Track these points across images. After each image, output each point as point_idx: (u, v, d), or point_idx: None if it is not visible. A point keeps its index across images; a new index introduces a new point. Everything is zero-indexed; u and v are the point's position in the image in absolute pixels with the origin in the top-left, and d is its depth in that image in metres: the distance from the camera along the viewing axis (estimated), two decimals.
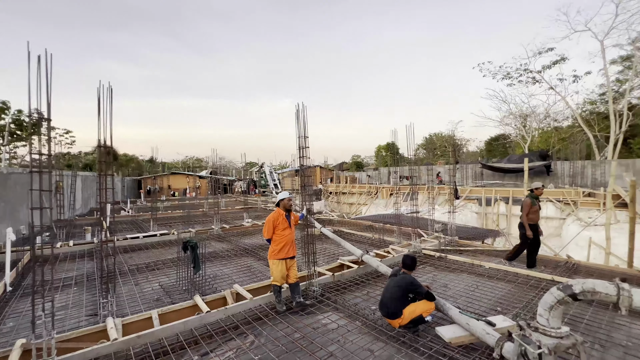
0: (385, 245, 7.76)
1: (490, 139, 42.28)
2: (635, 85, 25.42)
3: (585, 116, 28.39)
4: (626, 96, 24.43)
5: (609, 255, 6.93)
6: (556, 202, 15.08)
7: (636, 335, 3.42)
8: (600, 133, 26.74)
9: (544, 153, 25.61)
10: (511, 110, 35.12)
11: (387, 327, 3.52)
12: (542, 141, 33.34)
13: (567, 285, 2.19)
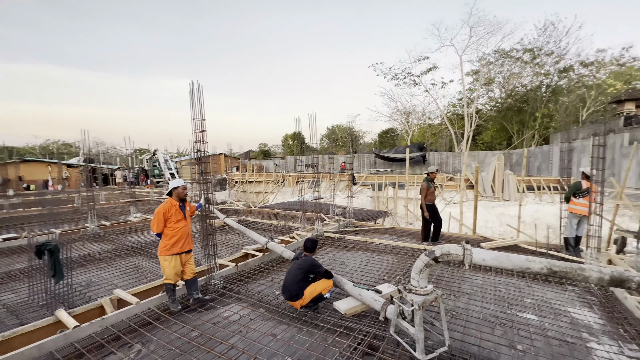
0: (291, 231, 7.95)
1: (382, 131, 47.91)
2: (480, 94, 32.84)
3: (449, 116, 35.13)
4: (475, 102, 31.32)
5: (462, 225, 8.90)
6: None
7: (476, 284, 4.49)
8: (459, 130, 33.57)
9: (421, 145, 30.63)
10: (398, 107, 40.48)
11: (289, 310, 3.62)
12: (420, 135, 39.73)
13: (431, 250, 2.67)
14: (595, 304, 3.91)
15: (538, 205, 14.09)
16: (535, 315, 3.61)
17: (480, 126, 33.53)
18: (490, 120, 32.85)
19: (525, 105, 28.68)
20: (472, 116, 30.82)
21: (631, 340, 3.07)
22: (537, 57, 28.29)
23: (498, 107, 32.23)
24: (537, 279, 4.69)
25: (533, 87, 28.78)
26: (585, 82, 26.79)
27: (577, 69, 27.84)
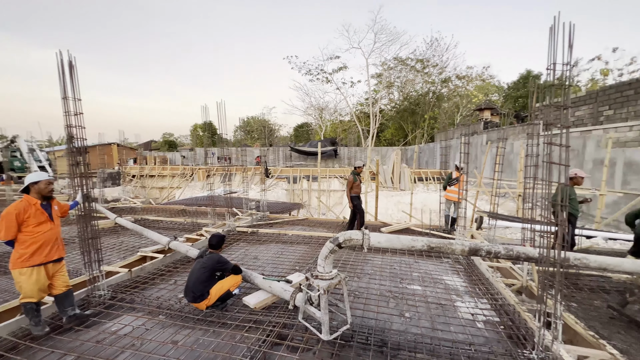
0: (199, 228, 7.37)
1: (297, 125, 48.74)
2: (383, 96, 36.61)
3: (357, 114, 38.14)
4: (378, 103, 34.78)
5: (366, 213, 9.87)
6: (340, 178, 19.60)
7: (376, 265, 5.03)
8: (365, 127, 36.80)
9: (333, 140, 32.41)
10: (312, 102, 41.76)
11: (194, 312, 3.37)
12: (332, 130, 41.96)
13: (335, 237, 2.86)
14: (461, 271, 4.87)
15: (426, 194, 16.68)
16: (420, 286, 4.26)
17: (383, 124, 37.50)
18: (390, 119, 37.05)
19: (417, 108, 33.35)
20: (377, 115, 34.16)
21: (482, 296, 3.94)
22: (426, 67, 33.17)
23: (397, 108, 36.58)
24: (422, 255, 5.56)
25: (423, 93, 33.66)
26: (459, 92, 32.80)
27: (454, 81, 33.84)
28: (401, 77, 35.22)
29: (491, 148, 12.82)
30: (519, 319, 3.28)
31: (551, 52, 2.35)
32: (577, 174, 4.76)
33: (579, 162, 9.81)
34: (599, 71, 23.51)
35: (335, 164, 27.43)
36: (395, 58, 34.03)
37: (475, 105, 27.41)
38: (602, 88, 10.27)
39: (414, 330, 3.14)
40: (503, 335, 3.05)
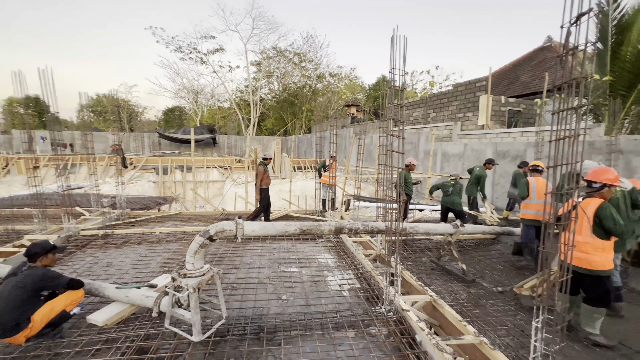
0: (19, 237, 5.50)
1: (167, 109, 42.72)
2: (263, 85, 36.39)
3: (237, 101, 36.65)
4: (259, 91, 34.38)
5: (248, 203, 9.70)
6: (219, 167, 18.49)
7: (256, 253, 5.03)
8: (246, 115, 35.83)
9: (211, 127, 30.12)
10: (185, 84, 37.36)
11: (6, 351, 2.50)
12: (210, 117, 38.93)
13: (206, 230, 2.66)
14: (332, 248, 5.45)
15: (305, 181, 17.79)
16: (297, 267, 4.52)
17: (264, 114, 37.42)
18: (271, 109, 37.32)
19: (296, 99, 34.78)
20: (257, 104, 33.73)
21: (348, 268, 4.53)
22: (303, 61, 34.84)
23: (277, 98, 37.12)
24: (299, 238, 5.91)
25: (300, 86, 35.34)
26: (332, 89, 36.11)
27: (327, 78, 36.97)
28: (280, 68, 35.79)
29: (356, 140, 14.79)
30: (374, 282, 3.95)
31: (392, 59, 2.83)
32: (411, 162, 6.06)
33: (415, 153, 12.56)
34: (428, 82, 30.53)
35: (214, 152, 25.66)
36: (275, 48, 34.25)
37: (344, 101, 30.84)
38: (429, 96, 13.38)
39: (290, 310, 3.31)
40: (362, 299, 3.60)
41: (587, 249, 2.77)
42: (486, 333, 2.92)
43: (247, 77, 34.12)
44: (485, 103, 10.58)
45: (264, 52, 34.16)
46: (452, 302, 3.53)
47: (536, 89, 12.15)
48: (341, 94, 34.60)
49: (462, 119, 11.71)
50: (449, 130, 11.60)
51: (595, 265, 2.72)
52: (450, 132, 11.53)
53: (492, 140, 9.62)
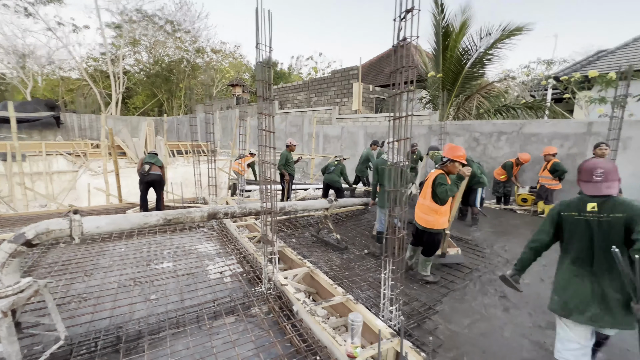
0: None
1: None
2: (126, 54, 30.22)
3: (91, 72, 29.34)
4: (121, 61, 28.41)
5: (109, 196, 8.04)
6: (67, 155, 14.61)
7: (117, 253, 4.24)
8: (105, 90, 29.22)
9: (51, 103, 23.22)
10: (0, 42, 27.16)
11: None
12: (48, 89, 29.96)
13: (19, 234, 2.01)
14: (214, 236, 5.14)
15: (187, 167, 16.09)
16: (171, 262, 4.07)
17: (131, 89, 31.40)
18: (140, 84, 31.59)
19: (171, 75, 30.46)
20: (120, 76, 27.90)
21: (231, 254, 4.38)
22: (178, 31, 30.52)
23: (147, 72, 31.60)
24: (176, 230, 5.33)
25: (176, 60, 31.06)
26: (215, 66, 33.23)
27: (209, 54, 33.69)
28: (149, 36, 30.34)
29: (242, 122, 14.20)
30: (256, 263, 3.94)
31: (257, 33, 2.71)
32: (291, 142, 6.25)
33: (300, 135, 13.08)
34: (312, 68, 31.89)
35: (59, 135, 20.07)
36: (139, 10, 28.61)
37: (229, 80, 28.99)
38: (311, 80, 13.99)
39: (160, 309, 2.95)
40: (244, 282, 3.55)
41: (426, 210, 3.47)
42: (352, 291, 3.35)
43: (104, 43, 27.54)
44: (357, 90, 11.84)
45: (125, 13, 28.10)
46: (327, 270, 3.89)
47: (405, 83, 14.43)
48: (225, 73, 32.28)
49: (340, 104, 12.80)
50: (329, 114, 12.49)
51: (429, 224, 3.44)
52: (330, 116, 12.45)
53: (363, 123, 10.90)
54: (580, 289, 1.82)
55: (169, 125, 26.35)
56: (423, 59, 11.48)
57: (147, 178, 5.86)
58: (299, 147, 13.16)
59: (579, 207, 1.89)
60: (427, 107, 10.92)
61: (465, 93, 9.73)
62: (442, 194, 3.21)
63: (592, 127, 6.31)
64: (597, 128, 6.16)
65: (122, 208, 6.64)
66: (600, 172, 1.84)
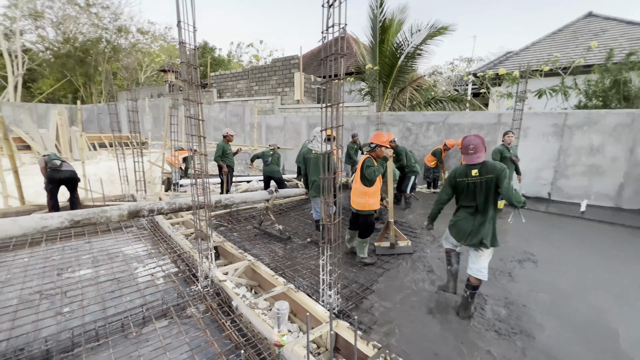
0: None
1: None
2: (26, 29, 25.34)
3: None
4: (18, 37, 23.72)
5: (8, 197, 6.75)
6: None
7: (19, 265, 3.60)
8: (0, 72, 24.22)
9: None
10: None
11: None
12: None
13: None
14: (145, 236, 4.68)
15: (112, 162, 14.32)
16: (91, 269, 3.59)
17: (35, 71, 26.55)
18: (48, 65, 26.87)
19: (88, 56, 26.50)
20: (18, 55, 23.34)
21: (164, 253, 4.04)
22: (93, 5, 26.53)
23: (55, 52, 26.97)
24: (97, 232, 4.72)
25: (93, 39, 27.09)
26: (142, 49, 29.82)
27: (135, 34, 30.04)
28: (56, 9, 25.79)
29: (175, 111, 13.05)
30: (192, 262, 3.71)
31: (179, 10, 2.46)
32: (228, 132, 5.95)
33: (242, 125, 12.56)
34: (254, 56, 30.66)
35: None
36: None
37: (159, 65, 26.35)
38: (251, 68, 13.45)
39: (76, 323, 2.60)
40: (179, 282, 3.31)
41: (358, 194, 3.63)
42: (295, 280, 3.36)
43: None
44: (299, 80, 11.75)
45: None
46: (269, 261, 3.84)
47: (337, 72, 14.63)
48: (154, 57, 29.20)
49: (282, 94, 12.58)
50: (271, 103, 12.19)
51: (362, 206, 3.62)
52: (273, 106, 12.17)
53: (305, 114, 10.90)
54: (467, 225, 2.64)
55: (88, 114, 23.10)
56: (361, 51, 11.85)
57: (60, 175, 5.02)
58: (241, 137, 12.66)
59: (466, 174, 2.64)
60: (366, 98, 11.36)
61: (400, 85, 10.35)
62: (370, 174, 3.43)
63: (501, 118, 7.26)
64: (505, 119, 7.10)
65: (25, 211, 5.64)
66: (472, 147, 2.60)
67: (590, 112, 6.46)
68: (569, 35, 10.98)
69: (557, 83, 7.83)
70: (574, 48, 9.82)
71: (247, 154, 12.44)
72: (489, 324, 2.67)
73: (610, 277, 3.49)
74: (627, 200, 6.24)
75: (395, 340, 2.44)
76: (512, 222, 5.10)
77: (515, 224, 5.20)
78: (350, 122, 9.52)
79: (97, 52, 26.74)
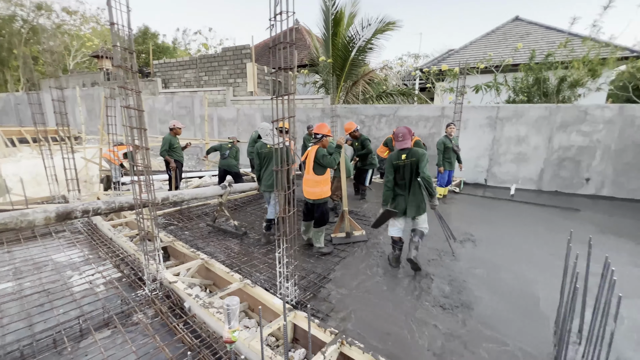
0: None
1: None
2: None
3: None
4: None
5: None
6: None
7: None
8: None
9: None
10: None
11: None
12: None
13: None
14: (81, 240, 4.20)
15: (37, 159, 12.55)
16: (11, 282, 3.14)
17: None
18: None
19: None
20: None
21: (105, 258, 3.68)
22: None
23: None
24: (20, 239, 4.13)
25: (4, 16, 23.20)
26: (68, 31, 26.32)
27: (60, 15, 26.31)
28: None
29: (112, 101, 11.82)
30: (138, 265, 3.43)
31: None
32: (175, 125, 5.56)
33: (191, 118, 11.82)
34: (202, 44, 28.84)
35: None
36: None
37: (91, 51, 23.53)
38: (199, 57, 12.66)
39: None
40: (122, 288, 3.05)
41: (312, 184, 3.66)
42: (252, 275, 3.30)
43: None
44: (251, 71, 11.37)
45: None
46: (225, 258, 3.71)
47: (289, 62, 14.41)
48: (85, 40, 25.97)
49: (234, 85, 12.07)
50: (222, 95, 11.64)
51: (317, 196, 3.66)
52: (224, 97, 11.63)
53: (260, 106, 10.62)
54: (402, 200, 3.31)
55: (3, 104, 19.91)
56: (314, 44, 11.82)
57: None
58: (191, 131, 11.94)
59: (398, 157, 3.27)
60: (321, 91, 11.41)
61: (352, 79, 10.56)
62: (330, 163, 3.56)
63: (445, 111, 7.82)
64: (448, 112, 7.66)
65: None
66: (401, 136, 3.26)
67: (517, 106, 7.25)
68: (500, 37, 12.14)
69: (491, 80, 8.64)
70: (505, 48, 10.90)
71: (199, 149, 11.78)
72: (435, 300, 2.90)
73: (532, 249, 4.00)
74: (547, 183, 7.18)
75: (351, 324, 2.54)
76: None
77: (458, 209, 5.69)
78: (306, 114, 9.50)
79: (10, 32, 23.00)
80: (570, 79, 7.62)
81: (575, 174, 6.93)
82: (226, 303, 1.58)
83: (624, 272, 3.40)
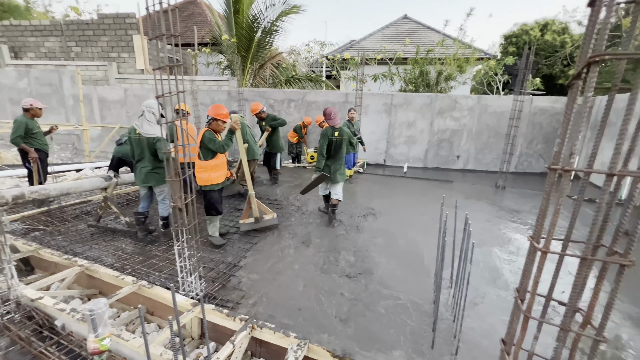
0: None
1: None
2: None
3: None
4: None
5: None
6: None
7: None
8: None
9: None
10: None
11: None
12: None
13: None
14: None
15: None
16: None
17: None
18: None
19: None
20: None
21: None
22: None
23: None
24: None
25: None
26: None
27: None
28: None
29: None
30: None
31: None
32: (32, 105, 4.37)
33: (60, 98, 9.50)
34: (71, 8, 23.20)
35: None
36: None
37: None
38: (66, 22, 10.17)
39: None
40: None
41: (198, 170, 3.39)
42: (149, 275, 2.93)
43: None
44: (140, 45, 9.77)
45: None
46: (113, 261, 3.18)
47: (189, 41, 12.94)
48: None
49: (118, 60, 10.16)
50: (103, 71, 9.72)
51: (205, 182, 3.39)
52: (106, 74, 9.74)
53: (154, 86, 9.28)
54: (332, 168, 4.13)
55: None
56: (216, 20, 10.89)
57: None
58: (61, 114, 9.65)
59: (332, 133, 4.00)
60: (226, 72, 10.67)
61: (259, 61, 10.20)
62: (219, 149, 3.28)
63: (348, 97, 8.34)
64: (351, 98, 8.19)
65: None
66: (333, 114, 4.01)
67: (407, 95, 8.27)
68: (392, 32, 13.48)
69: (386, 70, 9.58)
70: (397, 42, 12.18)
71: (75, 136, 9.67)
72: (342, 271, 3.13)
73: (419, 217, 4.71)
74: (430, 161, 8.50)
75: (263, 307, 2.52)
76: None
77: (362, 187, 6.22)
78: (210, 97, 8.77)
79: None
80: (445, 73, 9.06)
81: (450, 153, 8.40)
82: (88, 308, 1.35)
83: (481, 226, 4.33)
